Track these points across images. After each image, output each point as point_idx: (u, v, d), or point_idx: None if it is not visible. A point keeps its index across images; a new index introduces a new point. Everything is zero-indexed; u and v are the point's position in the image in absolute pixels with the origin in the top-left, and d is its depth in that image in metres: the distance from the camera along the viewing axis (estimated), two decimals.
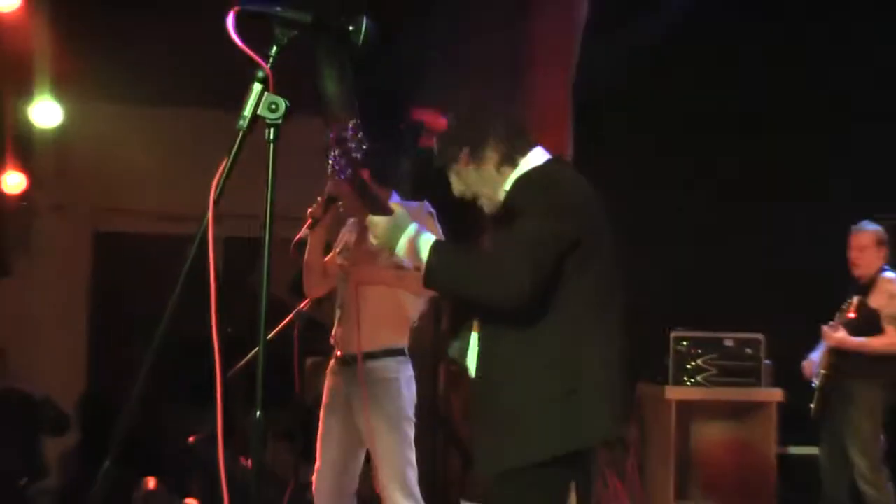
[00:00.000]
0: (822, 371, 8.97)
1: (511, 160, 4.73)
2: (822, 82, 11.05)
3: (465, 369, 4.78)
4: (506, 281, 4.35)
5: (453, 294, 4.73)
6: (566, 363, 4.45)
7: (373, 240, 4.75)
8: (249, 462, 7.40)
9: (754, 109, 11.03)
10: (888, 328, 8.77)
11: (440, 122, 5.19)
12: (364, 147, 4.49)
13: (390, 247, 4.63)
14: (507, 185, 4.73)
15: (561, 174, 4.73)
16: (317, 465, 6.70)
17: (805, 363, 9.21)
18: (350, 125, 4.48)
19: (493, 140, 4.73)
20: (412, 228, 4.59)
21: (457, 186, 4.87)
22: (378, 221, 4.63)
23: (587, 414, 4.44)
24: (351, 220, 6.97)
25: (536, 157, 4.77)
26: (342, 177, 4.53)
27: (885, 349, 8.77)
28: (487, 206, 4.83)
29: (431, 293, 6.45)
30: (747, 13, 10.81)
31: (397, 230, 4.59)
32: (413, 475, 6.60)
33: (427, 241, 4.52)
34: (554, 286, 4.43)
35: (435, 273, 4.50)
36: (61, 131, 11.00)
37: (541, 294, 4.38)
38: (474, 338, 4.70)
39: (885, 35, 10.66)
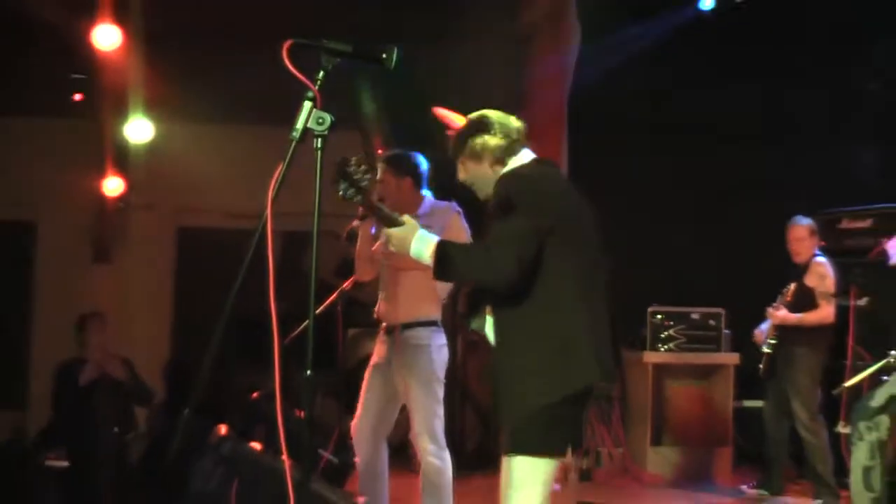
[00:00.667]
0: (770, 339, 8.93)
1: (501, 161, 4.80)
2: (773, 102, 11.02)
3: (486, 339, 4.81)
4: (495, 270, 4.46)
5: (458, 281, 4.75)
6: (559, 329, 4.51)
7: (391, 247, 4.82)
8: (302, 413, 7.39)
9: (725, 120, 10.94)
10: (822, 303, 8.75)
11: (455, 122, 5.25)
12: (368, 176, 4.51)
13: (404, 251, 4.70)
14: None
15: (539, 172, 4.78)
16: (357, 412, 6.68)
17: (756, 332, 9.18)
18: (353, 159, 4.50)
19: (489, 142, 4.79)
20: (420, 235, 4.67)
21: (460, 174, 4.95)
22: (392, 233, 4.73)
23: (580, 364, 4.49)
24: None
25: (523, 157, 4.83)
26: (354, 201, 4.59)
27: (818, 321, 8.76)
28: (481, 195, 4.91)
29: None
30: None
31: (408, 238, 4.67)
32: (440, 426, 6.57)
33: (430, 243, 4.62)
34: (539, 270, 4.50)
35: (439, 267, 4.60)
36: (151, 145, 11.05)
37: (527, 277, 4.47)
38: (489, 312, 4.75)
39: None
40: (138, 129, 10.90)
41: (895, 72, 11.20)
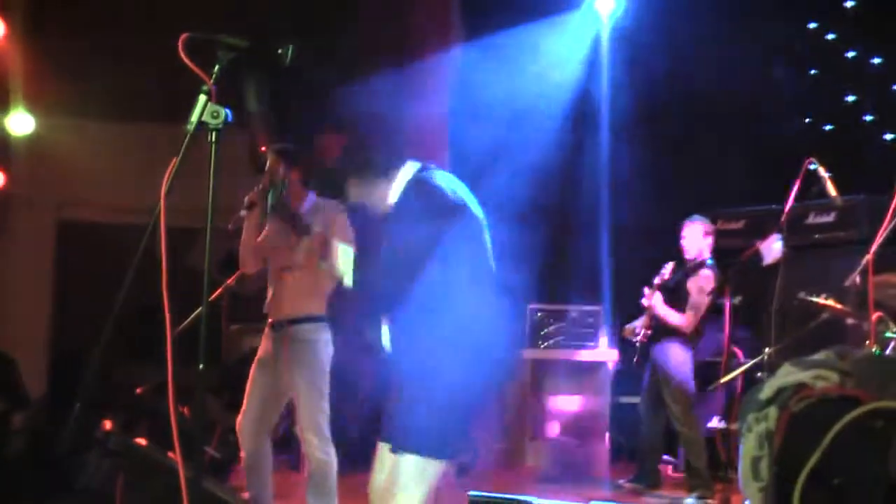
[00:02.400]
0: (645, 330, 9.03)
1: (386, 174, 4.71)
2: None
3: (383, 351, 4.72)
4: (389, 293, 4.52)
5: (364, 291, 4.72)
6: (462, 333, 4.40)
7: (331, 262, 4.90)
8: (185, 409, 7.31)
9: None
10: (688, 312, 8.84)
11: (334, 148, 5.19)
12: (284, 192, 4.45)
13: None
14: (394, 193, 4.70)
15: (432, 178, 4.67)
16: (243, 407, 6.64)
17: (626, 327, 9.30)
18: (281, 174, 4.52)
19: (373, 161, 4.73)
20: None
21: (352, 194, 4.85)
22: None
23: (482, 368, 4.43)
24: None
25: (409, 168, 4.73)
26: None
27: (676, 325, 8.86)
28: (376, 208, 4.81)
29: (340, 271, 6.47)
30: None
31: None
32: (325, 421, 6.57)
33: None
34: (439, 275, 4.43)
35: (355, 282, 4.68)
36: (33, 138, 10.82)
37: (427, 284, 4.42)
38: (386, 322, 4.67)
39: None
40: (20, 123, 10.72)
41: (766, 82, 11.44)
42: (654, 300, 8.90)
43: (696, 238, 9.03)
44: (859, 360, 2.80)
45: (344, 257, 4.68)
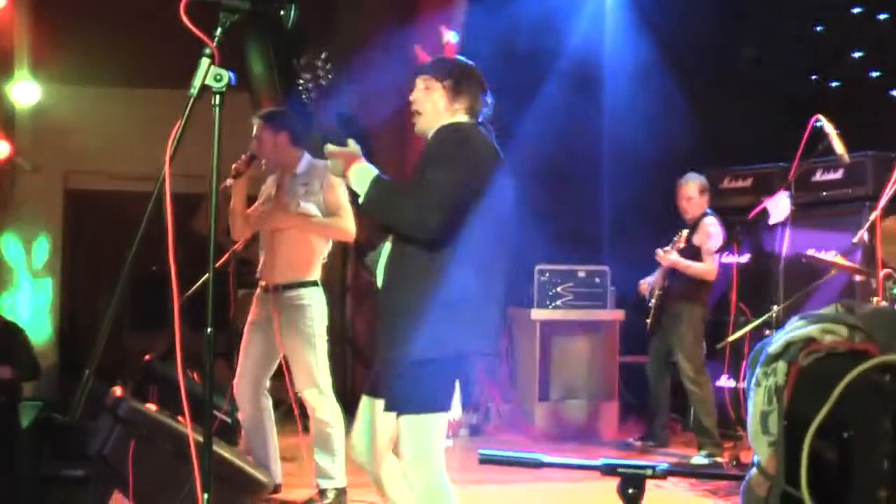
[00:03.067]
0: (658, 291, 9.03)
1: (456, 112, 4.71)
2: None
3: (374, 278, 4.70)
4: (420, 219, 4.38)
5: (381, 222, 4.62)
6: (451, 287, 4.41)
7: (329, 164, 4.67)
8: (194, 374, 7.33)
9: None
10: (707, 258, 8.83)
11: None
12: (330, 77, 4.39)
13: (338, 173, 4.60)
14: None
15: (473, 134, 4.66)
16: (238, 371, 6.70)
17: (642, 283, 9.29)
18: (322, 55, 4.39)
19: (464, 90, 4.72)
20: (363, 163, 4.55)
21: (415, 95, 4.77)
22: (333, 150, 4.57)
23: (461, 330, 4.45)
24: (271, 177, 6.91)
25: (463, 116, 4.72)
26: (308, 100, 4.46)
27: (702, 273, 8.85)
28: (419, 127, 4.79)
29: (335, 235, 6.51)
30: None
31: (349, 161, 4.54)
32: (325, 380, 6.65)
33: (369, 173, 4.50)
34: (457, 227, 4.42)
35: (369, 202, 4.49)
36: (38, 107, 10.82)
37: (447, 232, 4.41)
38: (387, 249, 4.63)
39: None
40: (25, 92, 10.68)
41: (772, 39, 11.38)
42: (672, 259, 8.85)
43: (694, 196, 9.02)
44: (868, 314, 2.79)
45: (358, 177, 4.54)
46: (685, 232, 8.74)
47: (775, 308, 7.73)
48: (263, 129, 6.67)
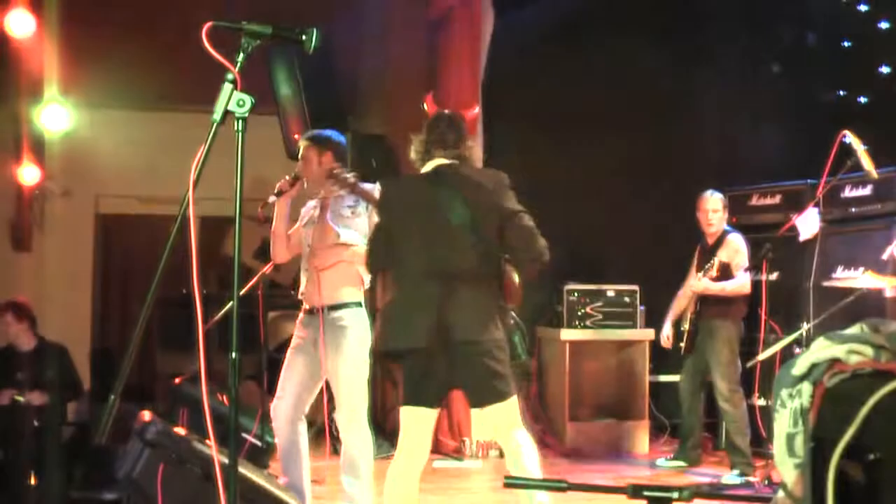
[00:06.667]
0: (690, 315, 8.96)
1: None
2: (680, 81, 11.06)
3: None
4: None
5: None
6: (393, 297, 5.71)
7: None
8: (223, 397, 7.33)
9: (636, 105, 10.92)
10: (737, 273, 8.77)
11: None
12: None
13: None
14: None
15: (392, 180, 5.95)
16: (277, 393, 6.63)
17: (663, 337, 9.34)
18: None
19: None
20: None
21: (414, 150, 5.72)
22: None
23: (388, 332, 5.62)
24: (313, 201, 6.84)
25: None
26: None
27: (737, 290, 8.76)
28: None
29: None
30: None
31: None
32: (363, 406, 6.55)
33: None
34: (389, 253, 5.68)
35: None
36: (68, 132, 10.89)
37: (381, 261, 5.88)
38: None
39: None
40: (54, 117, 10.74)
41: (798, 51, 11.36)
42: (703, 285, 8.79)
43: (719, 209, 8.98)
44: (893, 333, 2.76)
45: None
46: (716, 260, 8.63)
47: (805, 325, 7.68)
48: (309, 149, 6.64)
